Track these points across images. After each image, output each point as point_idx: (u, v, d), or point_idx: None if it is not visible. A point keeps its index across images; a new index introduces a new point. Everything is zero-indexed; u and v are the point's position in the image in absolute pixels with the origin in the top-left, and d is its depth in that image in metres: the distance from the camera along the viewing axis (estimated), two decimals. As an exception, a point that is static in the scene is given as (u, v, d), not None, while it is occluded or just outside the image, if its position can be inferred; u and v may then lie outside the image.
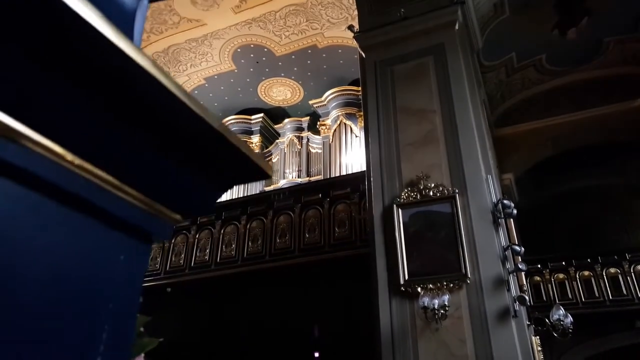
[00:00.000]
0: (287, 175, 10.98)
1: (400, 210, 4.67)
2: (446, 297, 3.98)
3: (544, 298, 7.79)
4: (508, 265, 4.39)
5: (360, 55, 6.02)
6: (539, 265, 8.05)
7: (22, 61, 0.31)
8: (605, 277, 7.68)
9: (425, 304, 3.99)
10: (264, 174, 0.45)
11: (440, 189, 4.63)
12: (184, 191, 0.45)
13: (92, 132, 0.37)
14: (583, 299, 7.65)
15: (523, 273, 4.49)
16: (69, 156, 0.36)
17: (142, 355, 0.99)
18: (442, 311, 3.94)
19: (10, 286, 0.32)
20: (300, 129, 11.68)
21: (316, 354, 8.21)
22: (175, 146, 0.41)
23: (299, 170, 11.03)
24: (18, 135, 0.33)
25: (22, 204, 0.35)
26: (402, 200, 4.71)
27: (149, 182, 0.42)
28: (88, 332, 0.37)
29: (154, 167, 0.42)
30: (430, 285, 4.23)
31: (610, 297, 7.52)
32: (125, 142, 0.39)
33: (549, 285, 7.93)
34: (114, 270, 0.40)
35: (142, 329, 1.03)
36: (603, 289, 7.61)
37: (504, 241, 4.56)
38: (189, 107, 0.36)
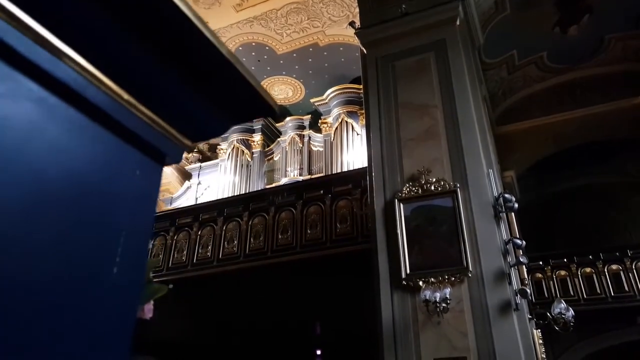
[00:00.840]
0: (289, 174, 10.98)
1: (401, 205, 4.68)
2: (448, 291, 4.00)
3: (546, 295, 7.78)
4: (509, 259, 4.40)
5: (362, 51, 6.04)
6: (541, 262, 8.04)
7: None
8: (606, 273, 7.68)
9: (427, 298, 4.00)
10: (269, 108, 0.47)
11: (442, 183, 4.64)
12: (194, 117, 0.47)
13: (115, 50, 0.39)
14: (585, 296, 7.64)
15: (524, 267, 4.50)
16: (95, 71, 0.38)
17: (152, 302, 1.00)
18: (443, 304, 3.95)
19: (38, 185, 0.34)
20: (301, 127, 11.68)
21: (318, 352, 8.21)
22: (188, 70, 0.43)
23: (301, 169, 11.03)
24: (55, 49, 0.35)
25: (55, 111, 0.37)
26: (403, 195, 4.72)
27: (162, 105, 0.44)
28: (106, 238, 0.39)
29: (168, 90, 0.44)
30: (432, 279, 4.24)
31: (612, 294, 7.51)
32: (144, 62, 0.41)
33: (551, 282, 7.92)
34: (131, 182, 0.43)
35: (151, 275, 1.04)
36: (605, 285, 7.60)
37: (505, 235, 4.57)
38: (201, 29, 0.38)
